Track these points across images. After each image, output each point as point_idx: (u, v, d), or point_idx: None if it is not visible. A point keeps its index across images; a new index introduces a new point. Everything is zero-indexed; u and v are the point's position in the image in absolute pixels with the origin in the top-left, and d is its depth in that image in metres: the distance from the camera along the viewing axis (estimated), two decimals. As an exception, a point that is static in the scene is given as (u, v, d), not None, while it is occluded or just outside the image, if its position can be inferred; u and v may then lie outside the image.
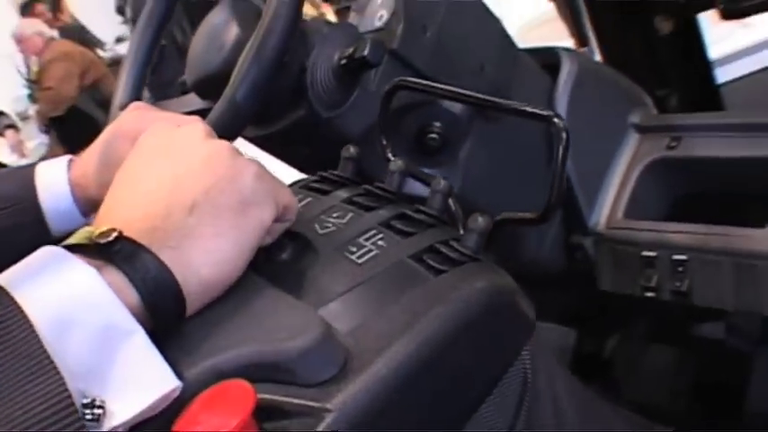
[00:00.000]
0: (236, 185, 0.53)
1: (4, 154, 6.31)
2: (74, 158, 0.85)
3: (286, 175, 0.71)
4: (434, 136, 0.99)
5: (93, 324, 0.44)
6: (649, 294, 1.09)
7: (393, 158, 0.69)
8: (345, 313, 0.51)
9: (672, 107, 1.57)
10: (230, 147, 0.57)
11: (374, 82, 0.91)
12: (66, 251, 0.47)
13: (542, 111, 0.63)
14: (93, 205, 0.82)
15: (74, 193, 0.82)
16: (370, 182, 0.69)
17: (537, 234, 1.16)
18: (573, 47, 1.60)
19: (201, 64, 0.94)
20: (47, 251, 0.48)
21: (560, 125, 0.59)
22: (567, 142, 0.59)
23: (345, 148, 0.73)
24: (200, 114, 0.76)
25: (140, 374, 0.45)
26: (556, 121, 0.60)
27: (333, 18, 1.23)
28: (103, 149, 0.81)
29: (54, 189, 0.83)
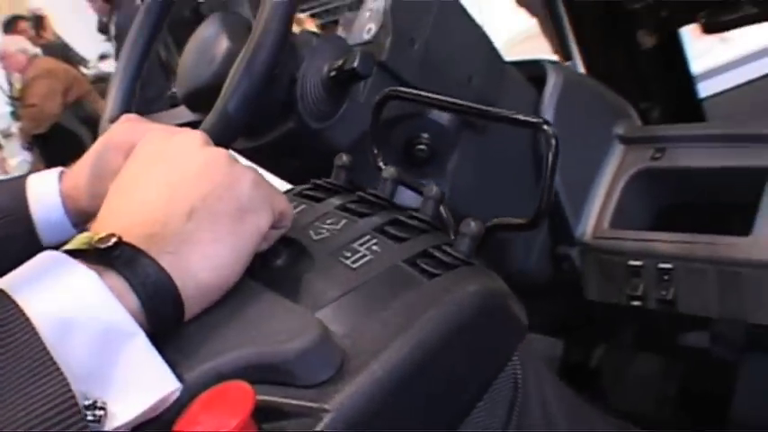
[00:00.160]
0: (234, 192, 0.54)
1: (-15, 171, 6.31)
2: (65, 170, 0.85)
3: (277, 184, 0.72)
4: (422, 147, 1.00)
5: (94, 327, 0.44)
6: (635, 303, 1.10)
7: (385, 166, 0.69)
8: (341, 316, 0.52)
9: (654, 120, 1.59)
10: (227, 154, 0.57)
11: (363, 94, 0.92)
12: (67, 255, 0.48)
13: (531, 118, 0.64)
14: (85, 217, 0.82)
15: (65, 205, 0.82)
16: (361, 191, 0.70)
17: (524, 245, 1.16)
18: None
19: (192, 77, 0.94)
20: (47, 256, 0.48)
21: (549, 132, 0.60)
22: (557, 149, 0.59)
23: (338, 156, 0.73)
24: (190, 127, 0.76)
25: (141, 376, 0.45)
26: (545, 127, 0.61)
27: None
28: (95, 161, 0.81)
29: (45, 200, 0.82)
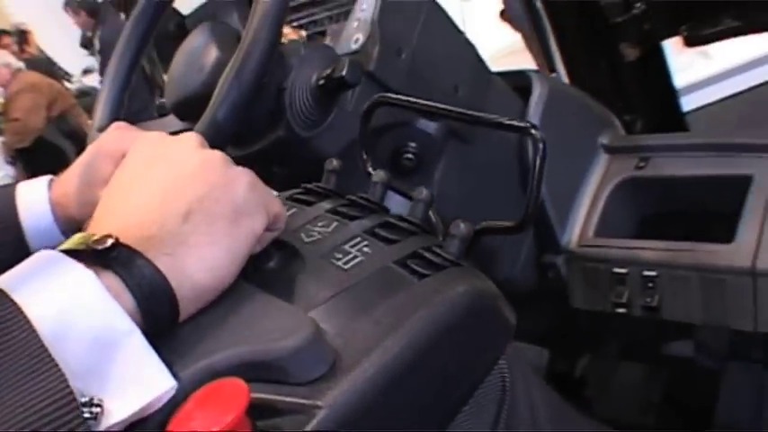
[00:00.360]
0: (230, 195, 0.54)
1: (-32, 185, 6.25)
2: (54, 178, 0.85)
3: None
4: (410, 156, 1.01)
5: (91, 325, 0.45)
6: (620, 310, 1.11)
7: (374, 171, 0.70)
8: (333, 316, 0.52)
9: (638, 132, 1.60)
10: (223, 156, 0.57)
11: (351, 103, 0.93)
12: (64, 255, 0.48)
13: (519, 122, 0.65)
14: (74, 224, 0.82)
15: (54, 213, 0.82)
16: None
17: (510, 253, 1.17)
18: (541, 73, 1.63)
19: (181, 85, 0.95)
20: (44, 255, 0.48)
21: (537, 136, 0.61)
22: (544, 152, 0.60)
23: (329, 161, 0.74)
24: (179, 135, 0.77)
25: (137, 374, 0.45)
26: (533, 131, 0.62)
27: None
28: (85, 169, 0.81)
29: (35, 208, 0.82)
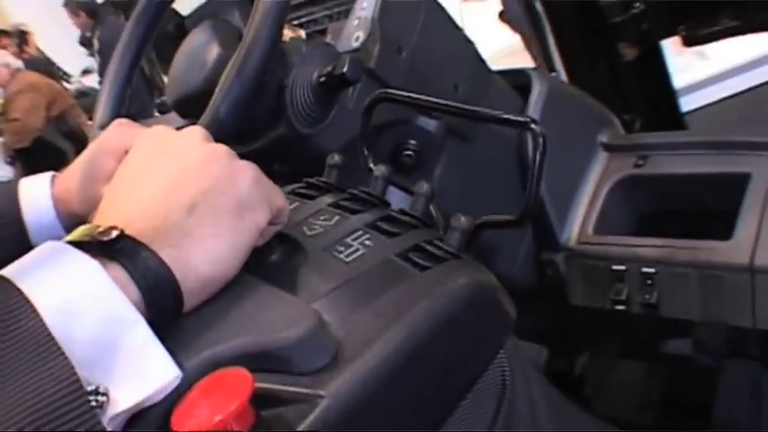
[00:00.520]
0: (234, 188, 0.55)
1: (-33, 186, 6.24)
2: (57, 174, 0.86)
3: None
4: (410, 153, 1.01)
5: (96, 314, 0.45)
6: (619, 307, 1.11)
7: (375, 166, 0.71)
8: (335, 308, 0.53)
9: (636, 131, 1.61)
10: (227, 150, 0.58)
11: (352, 100, 0.93)
12: (70, 246, 0.48)
13: (519, 117, 0.65)
14: (76, 220, 0.82)
15: (57, 208, 0.83)
16: None
17: (509, 251, 1.18)
18: (540, 73, 1.63)
19: (183, 83, 0.95)
20: (50, 246, 0.49)
21: (537, 130, 0.62)
22: (544, 147, 0.61)
23: (330, 156, 0.74)
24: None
25: (142, 363, 0.46)
26: (533, 126, 0.63)
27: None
28: (87, 165, 0.82)
29: (37, 204, 0.83)
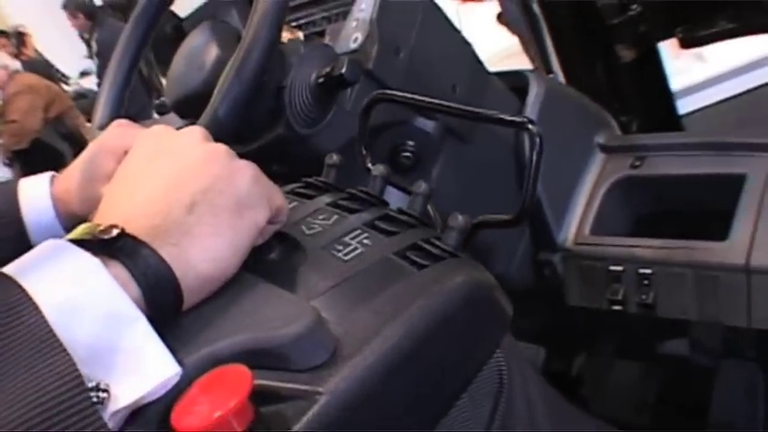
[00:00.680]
0: (234, 187, 0.55)
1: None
2: (56, 174, 0.86)
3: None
4: (407, 154, 1.02)
5: (97, 312, 0.45)
6: (616, 308, 1.12)
7: (373, 166, 0.71)
8: (334, 306, 0.53)
9: (633, 133, 1.61)
10: (227, 149, 0.58)
11: (350, 101, 0.94)
12: (71, 243, 0.49)
13: (516, 117, 0.66)
14: (76, 220, 0.82)
15: (56, 208, 0.83)
16: None
17: (506, 251, 1.18)
18: (538, 74, 1.64)
19: (182, 84, 0.96)
20: (52, 244, 0.49)
21: (534, 131, 0.62)
22: (541, 147, 0.61)
23: (329, 155, 0.74)
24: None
25: (143, 360, 0.46)
26: (530, 126, 0.63)
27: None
28: (87, 165, 0.82)
29: (37, 204, 0.83)
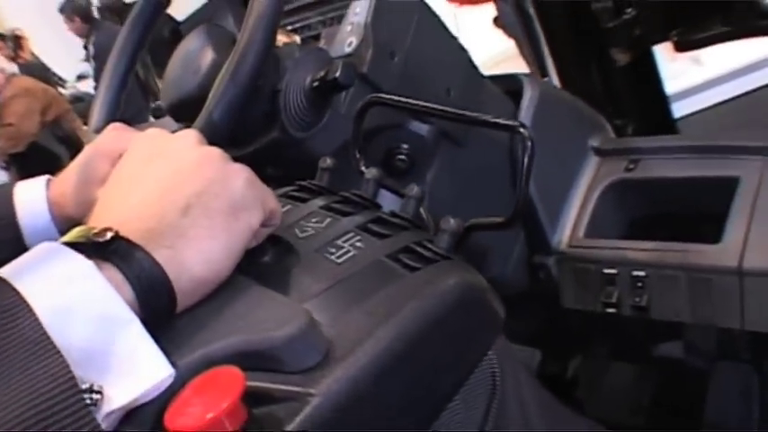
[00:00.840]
0: (228, 190, 0.56)
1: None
2: (52, 178, 0.86)
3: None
4: (402, 158, 1.02)
5: (91, 314, 0.46)
6: (610, 310, 1.12)
7: (366, 169, 0.72)
8: (327, 308, 0.54)
9: (628, 136, 1.62)
10: (221, 153, 0.59)
11: (344, 105, 0.94)
12: (65, 246, 0.49)
13: (509, 121, 0.66)
14: (71, 223, 0.81)
15: (52, 212, 0.83)
16: None
17: (501, 254, 1.18)
18: (533, 77, 1.64)
19: (177, 87, 0.96)
20: (46, 246, 0.49)
21: (526, 134, 0.63)
22: (533, 150, 0.62)
23: (322, 159, 0.75)
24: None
25: (136, 362, 0.46)
26: (522, 130, 0.64)
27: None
28: (82, 168, 0.82)
29: (32, 207, 0.83)
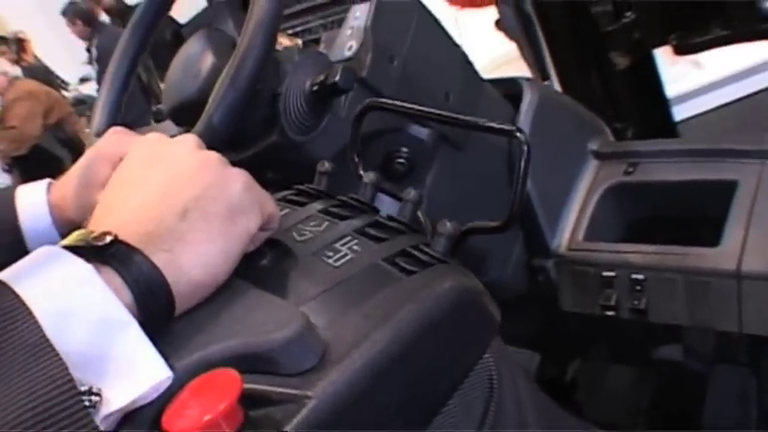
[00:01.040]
0: (226, 194, 0.56)
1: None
2: (53, 181, 0.87)
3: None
4: (401, 161, 1.03)
5: (90, 317, 0.46)
6: (609, 313, 1.13)
7: (365, 173, 0.72)
8: (323, 310, 0.54)
9: (628, 139, 1.62)
10: (219, 157, 0.59)
11: (344, 109, 0.95)
12: (65, 250, 0.50)
13: (505, 126, 0.67)
14: (72, 227, 0.82)
15: (53, 215, 0.83)
16: None
17: (500, 257, 1.19)
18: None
19: (178, 91, 0.97)
20: (46, 250, 0.50)
21: (522, 139, 0.63)
22: (529, 155, 0.62)
23: (321, 163, 0.75)
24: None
25: (134, 364, 0.47)
26: (518, 134, 0.64)
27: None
28: (83, 172, 0.82)
29: (33, 210, 0.84)
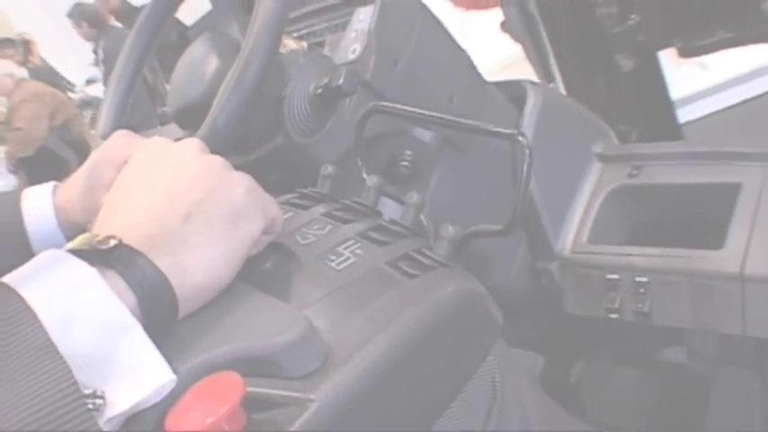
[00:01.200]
0: (229, 198, 0.56)
1: (-29, 194, 6.25)
2: (59, 184, 0.87)
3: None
4: (405, 164, 1.03)
5: (94, 320, 0.47)
6: (613, 316, 1.12)
7: (368, 176, 0.72)
8: (326, 314, 0.54)
9: (633, 142, 1.62)
10: (223, 161, 0.60)
11: (348, 111, 0.95)
12: (69, 254, 0.50)
13: (507, 130, 0.67)
14: (78, 229, 0.83)
15: (58, 217, 0.84)
16: None
17: (504, 260, 1.19)
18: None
19: (182, 94, 0.97)
20: (50, 254, 0.50)
21: (524, 142, 0.63)
22: (531, 159, 0.63)
23: (324, 166, 0.76)
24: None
25: (138, 367, 0.47)
26: (520, 139, 0.64)
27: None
28: (88, 174, 0.83)
29: (39, 213, 0.84)
